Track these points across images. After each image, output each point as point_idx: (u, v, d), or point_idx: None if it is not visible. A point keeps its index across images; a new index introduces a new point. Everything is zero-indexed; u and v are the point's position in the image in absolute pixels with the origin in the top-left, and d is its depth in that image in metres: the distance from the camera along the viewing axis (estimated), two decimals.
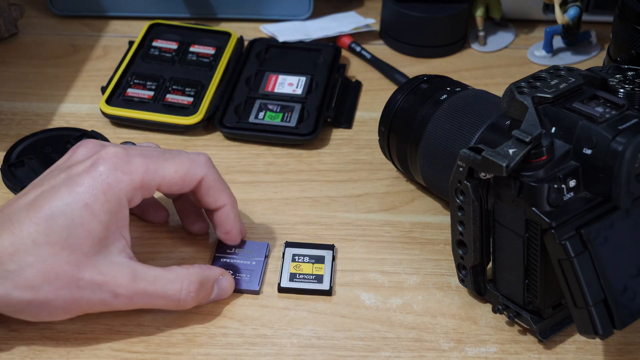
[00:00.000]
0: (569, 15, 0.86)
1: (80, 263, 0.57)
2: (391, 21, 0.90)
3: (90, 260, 0.57)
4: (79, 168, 0.58)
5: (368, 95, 0.85)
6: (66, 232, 0.56)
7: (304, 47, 0.87)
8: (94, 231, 0.57)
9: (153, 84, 0.82)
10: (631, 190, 0.55)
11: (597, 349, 0.61)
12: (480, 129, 0.64)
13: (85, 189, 0.57)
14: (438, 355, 0.61)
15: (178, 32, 0.88)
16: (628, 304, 0.55)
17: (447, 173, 0.63)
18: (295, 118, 0.79)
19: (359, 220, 0.71)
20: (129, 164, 0.59)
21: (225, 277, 0.63)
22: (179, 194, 0.66)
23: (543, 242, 0.56)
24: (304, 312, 0.63)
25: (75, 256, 0.56)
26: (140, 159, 0.59)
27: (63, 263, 0.56)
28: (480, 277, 0.62)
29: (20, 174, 0.73)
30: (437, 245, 0.69)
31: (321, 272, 0.66)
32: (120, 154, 0.59)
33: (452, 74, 0.76)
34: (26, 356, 0.60)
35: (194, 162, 0.62)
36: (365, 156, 0.77)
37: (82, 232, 0.56)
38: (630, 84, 0.60)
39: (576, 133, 0.56)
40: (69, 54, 0.88)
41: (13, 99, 0.82)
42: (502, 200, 0.57)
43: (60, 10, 0.92)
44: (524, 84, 0.59)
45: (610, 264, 0.55)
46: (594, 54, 0.91)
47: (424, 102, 0.69)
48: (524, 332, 0.62)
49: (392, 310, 0.64)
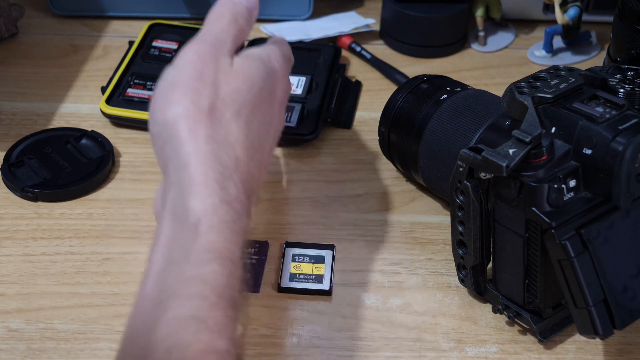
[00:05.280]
0: (569, 15, 0.86)
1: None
2: (391, 21, 0.90)
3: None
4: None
5: (368, 95, 0.85)
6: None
7: (304, 47, 0.87)
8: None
9: (153, 84, 0.82)
10: (631, 190, 0.55)
11: (597, 349, 0.61)
12: (480, 129, 0.64)
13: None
14: (438, 355, 0.61)
15: (178, 32, 0.88)
16: (628, 304, 0.55)
17: (447, 173, 0.63)
18: (296, 118, 0.79)
19: (359, 220, 0.71)
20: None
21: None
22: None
23: (543, 242, 0.56)
24: (304, 312, 0.63)
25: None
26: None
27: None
28: (480, 277, 0.62)
29: (20, 174, 0.73)
30: (437, 245, 0.69)
31: (321, 272, 0.66)
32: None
33: (452, 74, 0.76)
34: (26, 356, 0.60)
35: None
36: (365, 156, 0.77)
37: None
38: (630, 84, 0.60)
39: (576, 133, 0.56)
40: (69, 54, 0.88)
41: (13, 99, 0.82)
42: (502, 200, 0.57)
43: (60, 10, 0.92)
44: (524, 84, 0.59)
45: (610, 264, 0.55)
46: (594, 54, 0.90)
47: (424, 102, 0.69)
48: (524, 332, 0.62)
49: (392, 310, 0.64)
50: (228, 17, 0.56)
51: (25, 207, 0.71)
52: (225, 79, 0.53)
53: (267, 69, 0.56)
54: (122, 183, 0.74)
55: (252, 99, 0.54)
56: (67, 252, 0.68)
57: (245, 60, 0.55)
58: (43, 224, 0.70)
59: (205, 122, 0.51)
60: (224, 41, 0.55)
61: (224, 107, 0.52)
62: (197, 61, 0.53)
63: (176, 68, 0.53)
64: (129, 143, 0.78)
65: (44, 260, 0.67)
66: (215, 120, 0.51)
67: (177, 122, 0.51)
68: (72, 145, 0.75)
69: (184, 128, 0.51)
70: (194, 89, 0.52)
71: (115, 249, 0.68)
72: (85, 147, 0.75)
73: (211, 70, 0.53)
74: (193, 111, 0.51)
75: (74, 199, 0.72)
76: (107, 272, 0.66)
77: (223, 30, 0.56)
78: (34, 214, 0.71)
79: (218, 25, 0.56)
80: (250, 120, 0.53)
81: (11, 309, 0.63)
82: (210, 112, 0.51)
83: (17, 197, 0.72)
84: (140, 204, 0.72)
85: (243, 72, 0.54)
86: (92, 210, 0.71)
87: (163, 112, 0.51)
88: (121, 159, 0.76)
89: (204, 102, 0.51)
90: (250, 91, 0.54)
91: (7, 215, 0.70)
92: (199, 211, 0.48)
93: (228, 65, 0.54)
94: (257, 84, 0.54)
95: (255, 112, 0.54)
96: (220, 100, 0.52)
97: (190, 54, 0.53)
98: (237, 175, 0.51)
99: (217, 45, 0.54)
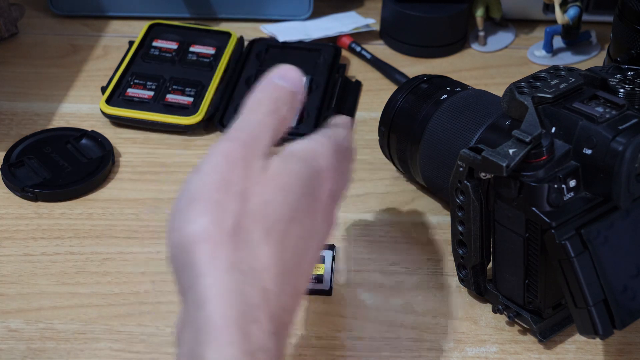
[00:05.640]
0: (569, 15, 0.86)
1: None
2: (391, 21, 0.90)
3: None
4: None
5: (368, 95, 0.85)
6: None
7: (304, 47, 0.87)
8: None
9: (153, 84, 0.82)
10: (631, 190, 0.55)
11: (597, 349, 0.61)
12: (480, 129, 0.64)
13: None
14: (438, 355, 0.61)
15: (178, 32, 0.88)
16: (628, 304, 0.55)
17: (447, 173, 0.63)
18: (295, 118, 0.78)
19: (359, 220, 0.71)
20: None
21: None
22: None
23: (543, 242, 0.56)
24: (304, 312, 0.63)
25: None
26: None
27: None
28: (481, 277, 0.62)
29: (20, 174, 0.73)
30: (437, 245, 0.69)
31: (321, 272, 0.66)
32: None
33: (452, 74, 0.76)
34: (26, 356, 0.60)
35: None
36: (365, 156, 0.77)
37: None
38: (630, 84, 0.60)
39: (576, 133, 0.56)
40: (69, 54, 0.88)
41: (13, 99, 0.82)
42: (502, 200, 0.57)
43: (60, 10, 0.92)
44: (524, 84, 0.59)
45: (610, 264, 0.55)
46: (594, 54, 0.90)
47: (424, 102, 0.69)
48: (524, 332, 0.62)
49: (392, 310, 0.64)
50: (267, 105, 0.48)
51: (25, 207, 0.71)
52: (255, 188, 0.45)
53: (310, 171, 0.47)
54: (122, 183, 0.74)
55: (288, 212, 0.45)
56: (67, 252, 0.68)
57: (283, 162, 0.47)
58: (43, 224, 0.70)
59: (228, 246, 0.43)
60: (260, 138, 0.47)
61: (252, 225, 0.44)
62: (225, 166, 0.45)
63: (199, 174, 0.45)
64: (129, 143, 0.78)
65: (44, 260, 0.67)
66: (241, 243, 0.43)
67: (195, 245, 0.43)
68: (72, 145, 0.75)
69: (202, 254, 0.43)
70: (217, 204, 0.44)
71: (115, 249, 0.68)
72: (85, 147, 0.75)
73: (240, 177, 0.45)
74: (214, 232, 0.43)
75: (74, 199, 0.72)
76: (107, 272, 0.66)
77: (260, 123, 0.47)
78: (34, 214, 0.71)
79: (254, 117, 0.47)
80: (285, 239, 0.45)
81: (11, 309, 0.63)
82: (234, 233, 0.43)
83: (17, 197, 0.72)
84: (140, 204, 0.72)
85: (278, 179, 0.46)
86: (92, 210, 0.71)
87: (180, 232, 0.44)
88: (121, 159, 0.76)
89: (228, 219, 0.43)
90: (286, 202, 0.45)
91: (7, 215, 0.70)
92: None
93: (261, 170, 0.46)
94: (295, 193, 0.46)
95: (292, 226, 0.46)
96: (248, 216, 0.44)
97: (218, 157, 0.45)
98: (264, 314, 0.43)
99: (251, 144, 0.46)
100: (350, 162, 0.53)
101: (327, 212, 0.49)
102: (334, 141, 0.51)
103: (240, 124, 0.47)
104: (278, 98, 0.49)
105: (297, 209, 0.46)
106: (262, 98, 0.48)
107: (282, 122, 0.48)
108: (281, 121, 0.48)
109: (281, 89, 0.49)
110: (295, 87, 0.49)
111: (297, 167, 0.47)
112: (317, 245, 0.49)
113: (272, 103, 0.48)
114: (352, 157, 0.54)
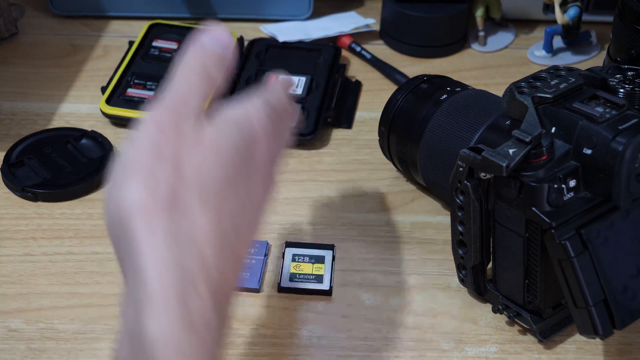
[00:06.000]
0: (569, 15, 0.86)
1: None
2: (391, 21, 0.90)
3: None
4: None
5: (368, 95, 0.85)
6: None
7: (304, 47, 0.87)
8: None
9: (153, 84, 0.82)
10: (631, 190, 0.55)
11: (597, 349, 0.61)
12: (480, 129, 0.64)
13: None
14: (438, 355, 0.61)
15: (178, 32, 0.88)
16: (628, 304, 0.55)
17: (447, 173, 0.63)
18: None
19: (359, 220, 0.71)
20: None
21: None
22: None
23: (543, 242, 0.56)
24: (304, 312, 0.63)
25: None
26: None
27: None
28: (481, 277, 0.62)
29: (20, 174, 0.73)
30: (437, 245, 0.69)
31: (321, 272, 0.66)
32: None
33: (452, 74, 0.76)
34: (26, 356, 0.60)
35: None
36: (365, 156, 0.77)
37: None
38: (630, 84, 0.60)
39: (576, 133, 0.56)
40: (69, 54, 0.88)
41: (13, 99, 0.82)
42: (502, 200, 0.57)
43: (60, 10, 0.92)
44: (524, 84, 0.59)
45: (610, 264, 0.55)
46: (594, 54, 0.90)
47: (424, 102, 0.69)
48: (524, 332, 0.62)
49: (392, 310, 0.64)
50: (197, 69, 0.48)
51: (25, 207, 0.71)
52: (189, 154, 0.44)
53: (245, 135, 0.47)
54: None
55: (224, 178, 0.45)
56: (67, 252, 0.68)
57: (217, 128, 0.46)
58: (43, 224, 0.70)
59: (163, 215, 0.42)
60: (190, 103, 0.46)
61: (187, 193, 0.43)
62: (156, 134, 0.44)
63: (132, 144, 0.44)
64: None
65: (44, 260, 0.67)
66: (177, 211, 0.43)
67: (130, 216, 0.42)
68: (72, 145, 0.75)
69: (138, 224, 0.42)
70: (151, 172, 0.43)
71: None
72: (85, 147, 0.75)
73: (172, 144, 0.44)
74: (149, 201, 0.42)
75: (74, 199, 0.72)
76: (107, 272, 0.66)
77: (190, 88, 0.47)
78: (34, 214, 0.71)
79: (184, 82, 0.47)
80: (221, 205, 0.44)
81: (11, 309, 0.63)
82: (169, 202, 0.43)
83: (17, 197, 0.72)
84: None
85: (212, 145, 0.45)
86: (92, 210, 0.71)
87: (116, 203, 0.43)
88: None
89: (162, 188, 0.43)
90: (221, 168, 0.45)
91: (7, 215, 0.70)
92: (154, 336, 0.41)
93: (193, 136, 0.45)
94: (230, 158, 0.45)
95: (228, 192, 0.45)
96: (183, 184, 0.43)
97: (149, 125, 0.45)
98: (203, 282, 0.42)
99: (181, 109, 0.46)
100: (288, 122, 0.52)
101: (265, 175, 0.49)
102: (269, 103, 0.50)
103: (170, 90, 0.47)
104: (206, 61, 0.48)
105: (233, 174, 0.45)
106: (190, 62, 0.48)
107: (211, 84, 0.48)
108: (210, 84, 0.48)
109: (210, 51, 0.49)
110: (223, 48, 0.49)
111: (231, 132, 0.46)
112: (256, 210, 0.48)
113: (200, 66, 0.48)
114: (291, 116, 0.53)
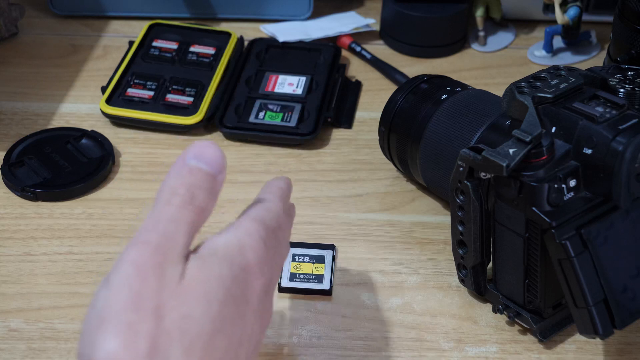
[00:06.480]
0: (569, 15, 0.86)
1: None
2: (391, 21, 0.90)
3: None
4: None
5: (368, 95, 0.85)
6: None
7: (304, 47, 0.87)
8: None
9: (153, 84, 0.82)
10: (631, 190, 0.55)
11: (597, 349, 0.61)
12: (481, 128, 0.64)
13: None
14: (438, 355, 0.61)
15: (178, 32, 0.88)
16: (628, 304, 0.55)
17: (447, 173, 0.63)
18: (296, 118, 0.79)
19: (359, 220, 0.71)
20: None
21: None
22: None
23: (543, 242, 0.56)
24: (304, 312, 0.63)
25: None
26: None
27: None
28: (481, 277, 0.62)
29: (20, 174, 0.73)
30: (437, 245, 0.69)
31: (321, 272, 0.66)
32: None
33: (452, 74, 0.76)
34: (26, 356, 0.60)
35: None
36: (365, 156, 0.77)
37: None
38: (631, 84, 0.60)
39: (576, 133, 0.56)
40: (69, 54, 0.88)
41: (13, 99, 0.82)
42: (503, 200, 0.57)
43: (60, 10, 0.92)
44: (524, 84, 0.59)
45: (610, 264, 0.55)
46: (594, 54, 0.90)
47: (424, 102, 0.69)
48: (524, 332, 0.62)
49: (392, 310, 0.64)
50: (181, 195, 0.42)
51: (25, 207, 0.71)
52: (172, 303, 0.39)
53: (235, 271, 0.42)
54: (122, 183, 0.74)
55: (211, 325, 0.40)
56: (67, 252, 0.68)
57: (202, 266, 0.41)
58: (43, 223, 0.70)
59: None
60: (174, 238, 0.41)
61: (169, 345, 0.39)
62: (136, 280, 0.39)
63: (108, 289, 0.40)
64: (129, 143, 0.78)
65: (44, 260, 0.67)
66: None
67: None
68: (72, 145, 0.75)
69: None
70: (128, 325, 0.38)
71: (115, 249, 0.68)
72: (85, 147, 0.75)
73: (153, 289, 0.39)
74: (125, 357, 0.38)
75: (74, 199, 0.72)
76: (107, 272, 0.66)
77: (174, 219, 0.41)
78: (34, 213, 0.71)
79: (167, 211, 0.41)
80: (209, 354, 0.40)
81: (11, 309, 0.63)
82: (150, 355, 0.38)
83: (17, 197, 0.72)
84: (140, 204, 0.72)
85: (198, 287, 0.40)
86: (92, 210, 0.71)
87: (88, 355, 0.38)
88: (121, 159, 0.76)
89: (141, 342, 0.38)
90: (208, 314, 0.40)
91: (7, 215, 0.70)
92: None
93: (177, 279, 0.40)
94: (217, 301, 0.41)
95: (216, 339, 0.40)
96: (165, 335, 0.39)
97: (128, 267, 0.40)
98: None
99: (165, 247, 0.40)
100: (287, 236, 0.47)
101: (259, 309, 0.44)
102: (264, 224, 0.45)
103: (151, 221, 0.41)
104: (193, 184, 0.42)
105: (222, 318, 0.41)
106: (174, 186, 0.42)
107: (200, 213, 0.42)
108: (199, 212, 0.42)
109: (197, 172, 0.43)
110: (213, 168, 0.43)
111: (219, 269, 0.41)
112: (253, 346, 0.44)
113: (186, 191, 0.42)
114: (289, 227, 0.48)
